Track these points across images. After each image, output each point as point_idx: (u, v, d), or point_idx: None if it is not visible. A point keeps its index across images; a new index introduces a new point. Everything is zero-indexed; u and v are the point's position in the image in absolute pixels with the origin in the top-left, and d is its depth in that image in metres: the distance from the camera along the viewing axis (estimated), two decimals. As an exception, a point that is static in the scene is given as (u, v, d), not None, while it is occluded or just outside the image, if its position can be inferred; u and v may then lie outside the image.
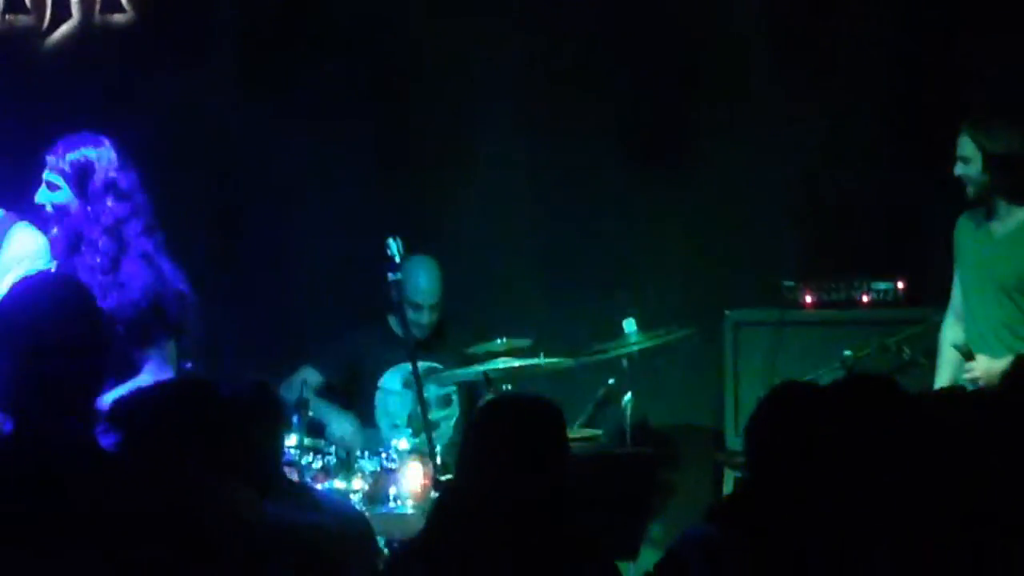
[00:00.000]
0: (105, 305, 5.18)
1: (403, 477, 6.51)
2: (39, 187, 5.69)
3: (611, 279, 7.83)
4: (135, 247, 5.52)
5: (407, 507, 6.43)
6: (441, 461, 6.44)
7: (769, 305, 7.60)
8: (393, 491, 6.48)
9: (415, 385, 6.59)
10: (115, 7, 7.80)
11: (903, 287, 7.54)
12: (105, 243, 5.47)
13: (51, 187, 5.61)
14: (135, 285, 5.43)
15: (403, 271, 6.74)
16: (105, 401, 5.09)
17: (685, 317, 7.29)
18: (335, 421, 7.13)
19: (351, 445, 6.81)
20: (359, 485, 6.52)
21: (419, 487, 6.45)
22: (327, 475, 6.53)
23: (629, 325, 7.05)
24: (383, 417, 7.27)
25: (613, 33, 7.93)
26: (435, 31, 7.90)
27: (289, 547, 4.15)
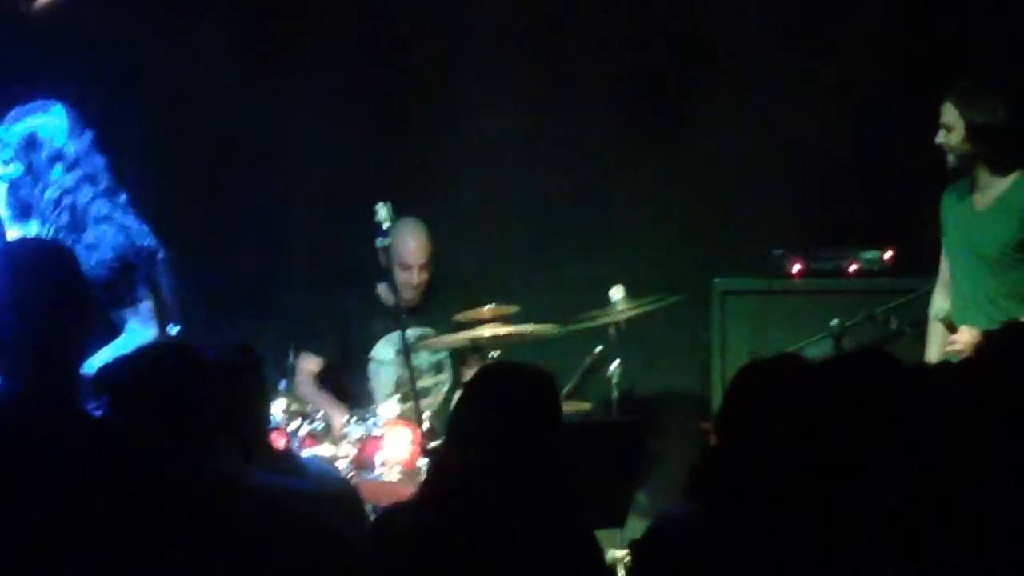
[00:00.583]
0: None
1: (390, 444, 6.50)
2: None
3: (599, 247, 7.83)
4: (91, 213, 5.49)
5: (394, 474, 6.43)
6: (429, 427, 6.44)
7: (757, 274, 7.61)
8: (380, 458, 6.48)
9: (407, 354, 6.58)
10: (104, -30, 7.76)
11: (891, 257, 7.55)
12: (55, 215, 5.45)
13: (3, 154, 5.56)
14: (104, 247, 5.41)
15: (392, 233, 6.74)
16: (89, 364, 5.15)
17: (673, 285, 7.29)
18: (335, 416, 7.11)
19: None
20: (346, 451, 6.52)
21: (406, 454, 6.45)
22: (314, 440, 6.53)
23: (616, 293, 7.05)
24: (378, 388, 7.24)
25: (608, 6, 7.91)
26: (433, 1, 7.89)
27: (273, 512, 4.14)
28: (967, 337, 6.13)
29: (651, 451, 7.11)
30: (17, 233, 5.56)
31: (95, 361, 5.23)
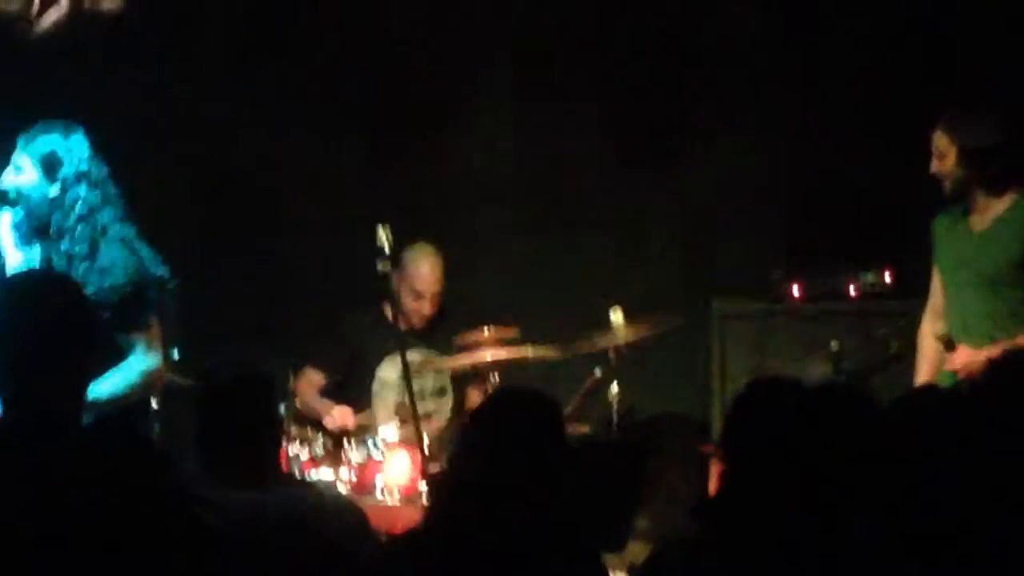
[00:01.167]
0: (87, 291, 5.17)
1: (391, 467, 6.50)
2: None
3: (598, 270, 7.83)
4: (112, 233, 5.49)
5: (394, 498, 6.42)
6: (430, 451, 6.43)
7: (756, 297, 7.61)
8: (380, 482, 6.48)
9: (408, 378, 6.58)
10: (104, -6, 7.78)
11: (890, 279, 7.56)
12: (81, 231, 5.44)
13: (19, 170, 5.53)
14: (116, 270, 5.40)
15: (406, 258, 6.71)
16: (93, 389, 5.14)
17: (672, 308, 7.29)
18: (330, 414, 7.09)
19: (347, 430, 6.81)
20: (346, 475, 6.51)
21: (407, 478, 6.44)
22: (314, 464, 6.53)
23: (616, 316, 7.05)
24: (381, 409, 7.23)
25: (603, 27, 7.94)
26: (426, 23, 7.90)
27: (287, 537, 4.15)
28: (965, 357, 6.13)
29: (651, 474, 7.12)
30: (20, 257, 5.55)
31: (99, 385, 5.27)
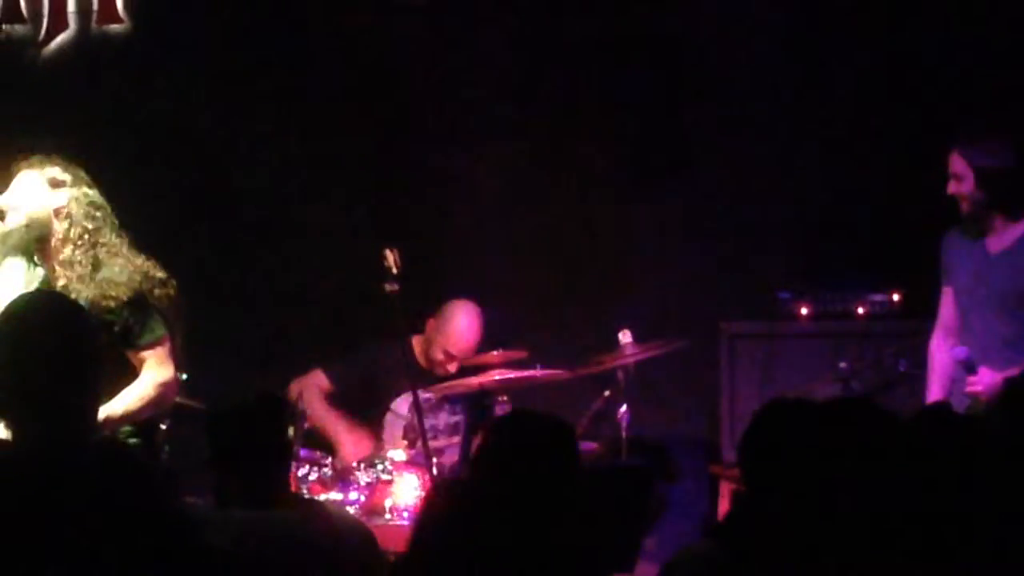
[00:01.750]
0: (92, 309, 5.19)
1: (399, 489, 6.50)
2: None
3: (607, 291, 7.83)
4: (111, 247, 5.50)
5: (403, 519, 6.42)
6: (438, 474, 6.43)
7: (765, 317, 7.60)
8: (389, 503, 6.48)
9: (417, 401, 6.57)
10: (112, 18, 7.80)
11: (899, 299, 7.55)
12: (82, 253, 5.45)
13: (22, 191, 5.52)
14: (117, 283, 5.41)
15: (447, 314, 6.78)
16: (108, 407, 5.15)
17: (680, 329, 7.29)
18: (348, 444, 7.10)
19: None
20: (355, 497, 6.51)
21: (415, 499, 6.43)
22: (323, 487, 6.53)
23: (625, 337, 7.05)
24: (391, 439, 7.21)
25: (610, 44, 7.94)
26: (434, 41, 7.91)
27: (297, 558, 4.16)
28: (988, 379, 6.09)
29: (660, 495, 7.11)
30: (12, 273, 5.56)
31: (114, 403, 5.27)
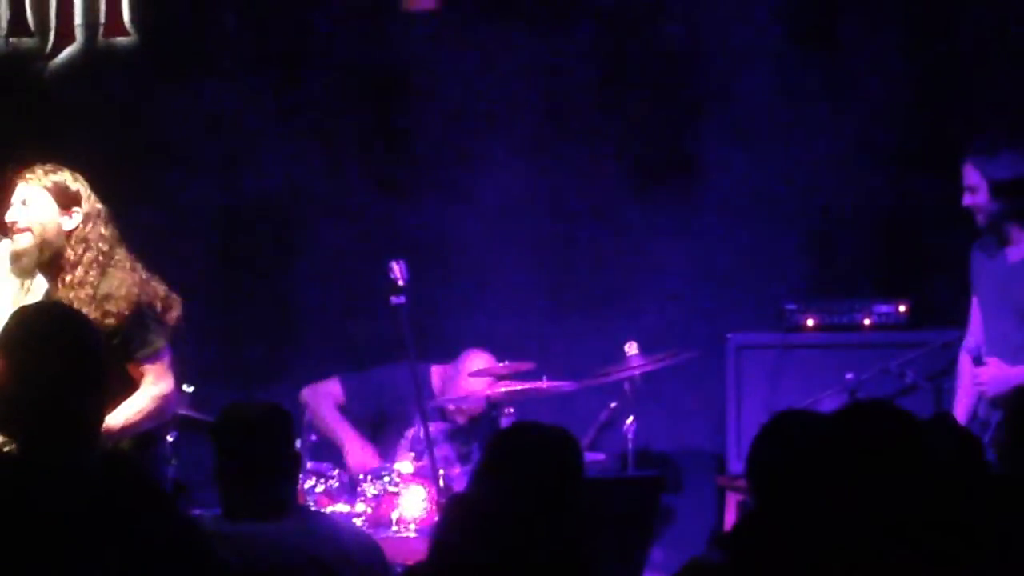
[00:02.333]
0: (93, 320, 5.18)
1: (406, 501, 6.50)
2: None
3: (613, 302, 7.83)
4: (116, 260, 5.50)
5: (409, 531, 6.42)
6: (445, 486, 6.43)
7: (771, 328, 7.60)
8: (396, 515, 6.47)
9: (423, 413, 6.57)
10: (118, 30, 7.82)
11: (905, 310, 7.54)
12: (94, 262, 5.44)
13: (27, 203, 5.49)
14: (121, 295, 5.41)
15: (462, 366, 6.80)
16: (108, 419, 5.13)
17: (687, 340, 7.29)
18: (355, 452, 7.10)
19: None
20: (362, 509, 6.51)
21: (422, 511, 6.44)
22: (330, 499, 6.53)
23: (631, 348, 7.05)
24: (400, 452, 7.17)
25: (617, 56, 7.94)
26: (441, 53, 7.92)
27: (304, 570, 4.16)
28: (992, 370, 6.11)
29: (666, 507, 7.11)
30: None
31: (114, 415, 5.27)
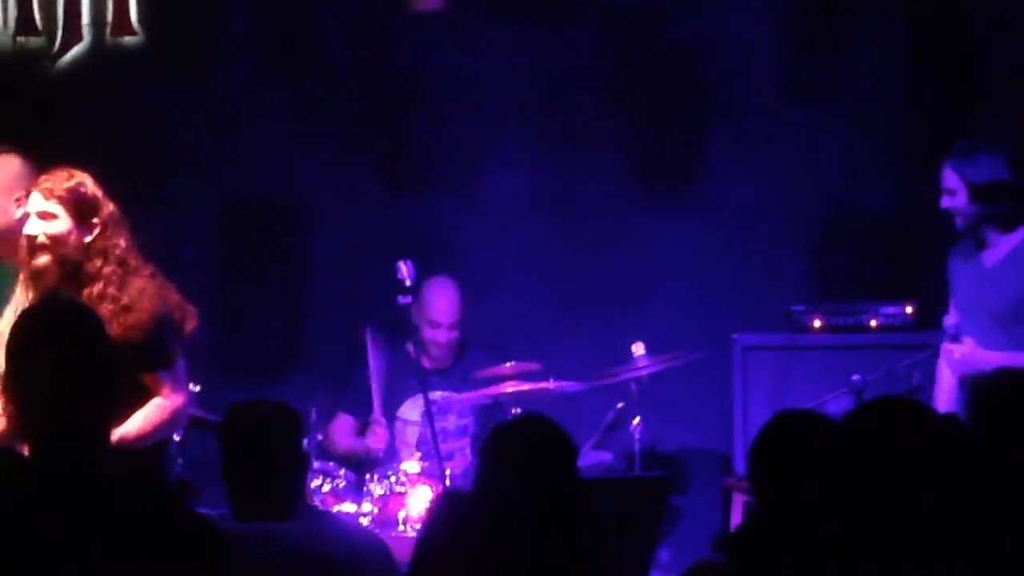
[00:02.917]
0: (113, 331, 5.14)
1: (412, 501, 6.50)
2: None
3: (620, 303, 7.83)
4: (139, 271, 5.43)
5: (416, 530, 6.41)
6: (451, 485, 6.43)
7: (777, 329, 7.60)
8: (402, 514, 6.48)
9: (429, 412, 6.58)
10: (126, 30, 7.82)
11: (912, 311, 7.54)
12: (114, 274, 5.36)
13: (45, 216, 5.37)
14: (142, 307, 5.34)
15: (423, 290, 6.73)
16: (121, 430, 5.11)
17: (694, 341, 7.29)
18: (369, 436, 7.12)
19: (379, 458, 6.81)
20: (368, 509, 6.52)
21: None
22: (337, 498, 6.54)
23: (638, 349, 7.06)
24: (402, 447, 7.22)
25: (624, 58, 7.95)
26: (447, 55, 7.92)
27: (311, 570, 4.16)
28: (966, 348, 6.16)
29: (673, 507, 7.11)
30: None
31: (127, 426, 5.24)
